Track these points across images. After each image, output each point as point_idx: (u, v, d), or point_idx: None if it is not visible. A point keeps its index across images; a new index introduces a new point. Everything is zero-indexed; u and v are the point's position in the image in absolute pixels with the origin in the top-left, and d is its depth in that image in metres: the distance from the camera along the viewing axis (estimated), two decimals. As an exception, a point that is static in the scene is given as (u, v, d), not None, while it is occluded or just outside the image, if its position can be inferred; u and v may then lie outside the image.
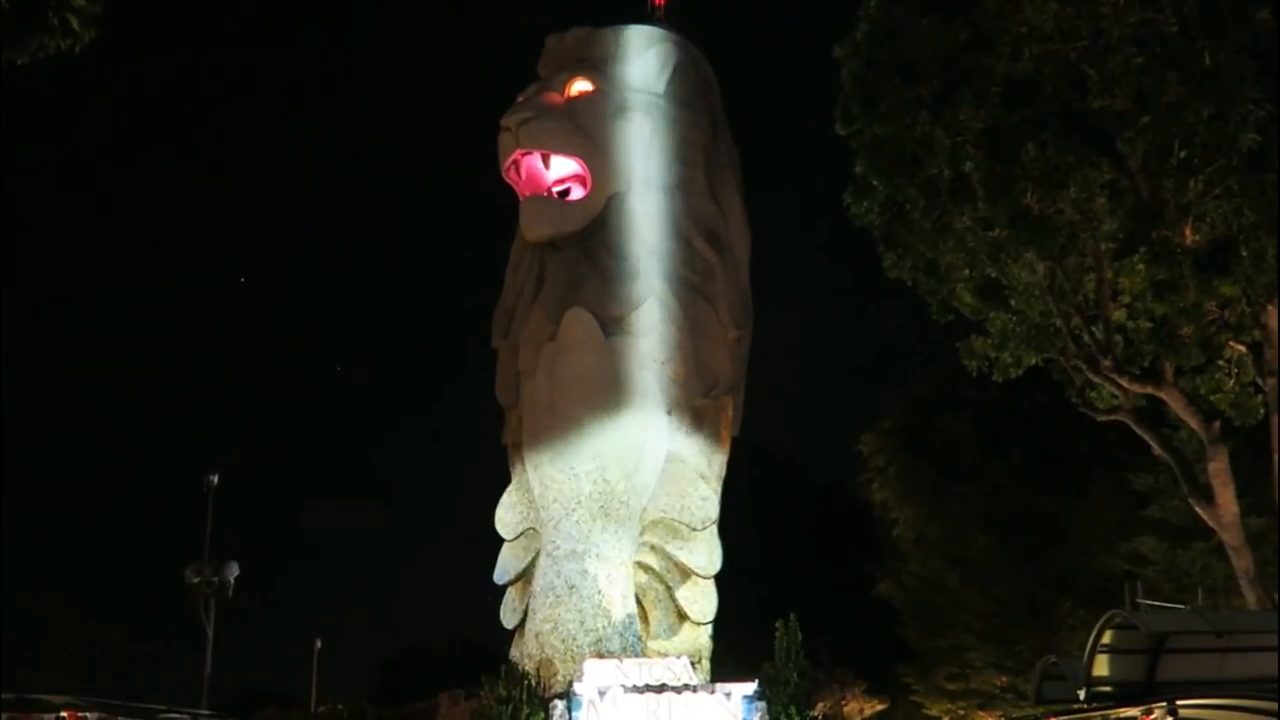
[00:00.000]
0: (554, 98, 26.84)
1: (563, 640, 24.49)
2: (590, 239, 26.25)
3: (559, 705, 22.40)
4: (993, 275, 25.10)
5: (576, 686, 21.98)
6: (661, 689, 21.82)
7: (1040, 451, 39.74)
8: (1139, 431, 26.32)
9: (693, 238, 26.52)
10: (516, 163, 26.46)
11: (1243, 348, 24.54)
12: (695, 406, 26.32)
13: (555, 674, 24.18)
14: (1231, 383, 25.05)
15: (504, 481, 27.14)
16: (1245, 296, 23.30)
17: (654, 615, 26.14)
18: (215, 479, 33.50)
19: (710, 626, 26.39)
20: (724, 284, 26.78)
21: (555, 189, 26.71)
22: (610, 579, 24.77)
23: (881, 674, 40.80)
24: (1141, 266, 23.59)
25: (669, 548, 26.06)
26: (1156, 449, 26.47)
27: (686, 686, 22.03)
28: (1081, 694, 20.24)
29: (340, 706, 38.66)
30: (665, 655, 23.95)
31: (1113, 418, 26.54)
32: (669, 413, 25.88)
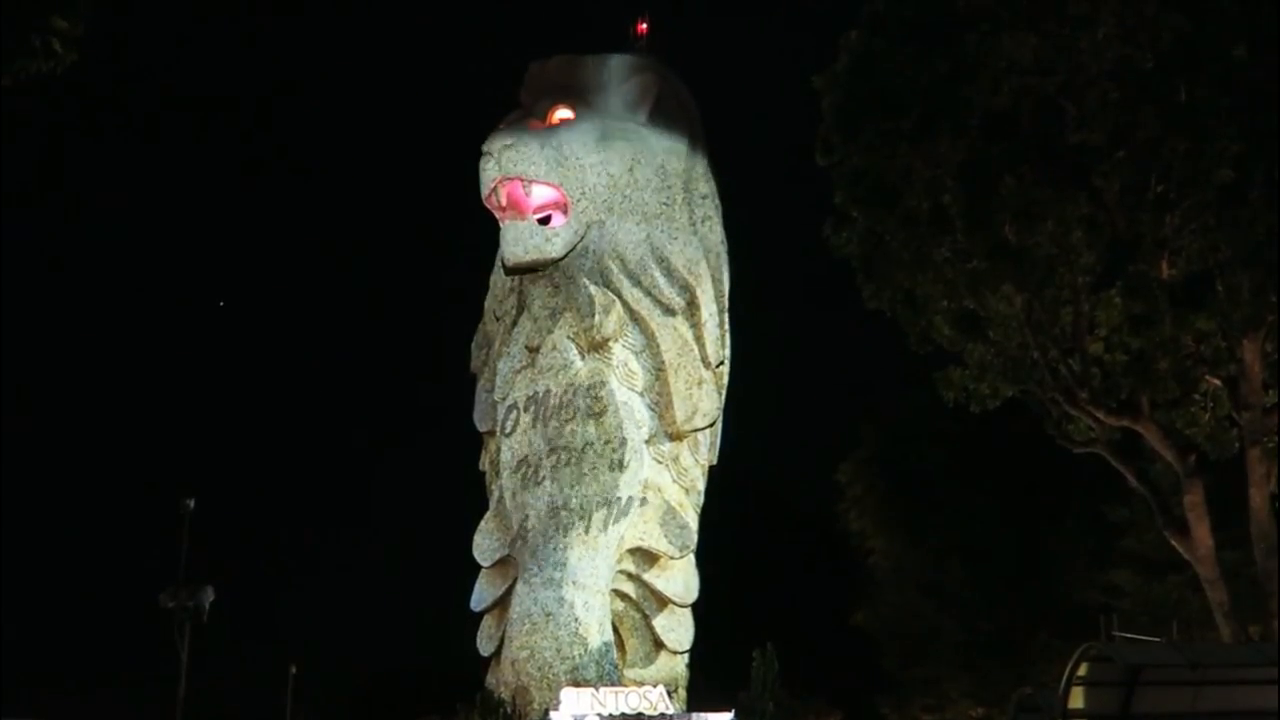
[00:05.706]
0: (536, 125, 26.89)
1: (539, 668, 24.35)
2: (570, 266, 26.23)
3: (535, 734, 22.32)
4: (970, 307, 25.21)
5: (553, 715, 21.91)
6: (638, 718, 21.76)
7: (1017, 483, 39.83)
8: (1115, 464, 26.43)
9: (673, 266, 26.55)
10: (497, 189, 26.45)
11: (1218, 382, 24.67)
12: (674, 434, 26.29)
13: (531, 702, 24.04)
14: (1207, 416, 25.18)
15: (481, 508, 27.05)
16: (1221, 331, 23.50)
17: (631, 644, 26.05)
18: (192, 503, 33.37)
19: (687, 655, 26.32)
20: (703, 312, 26.79)
21: (536, 216, 26.71)
22: (587, 607, 24.66)
23: (857, 704, 40.75)
24: (1118, 300, 23.80)
25: (646, 576, 26.00)
26: (1132, 482, 26.58)
27: (663, 716, 21.97)
28: (1057, 726, 20.27)
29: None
30: (642, 684, 23.84)
31: (1089, 450, 26.65)
32: (648, 440, 25.86)
